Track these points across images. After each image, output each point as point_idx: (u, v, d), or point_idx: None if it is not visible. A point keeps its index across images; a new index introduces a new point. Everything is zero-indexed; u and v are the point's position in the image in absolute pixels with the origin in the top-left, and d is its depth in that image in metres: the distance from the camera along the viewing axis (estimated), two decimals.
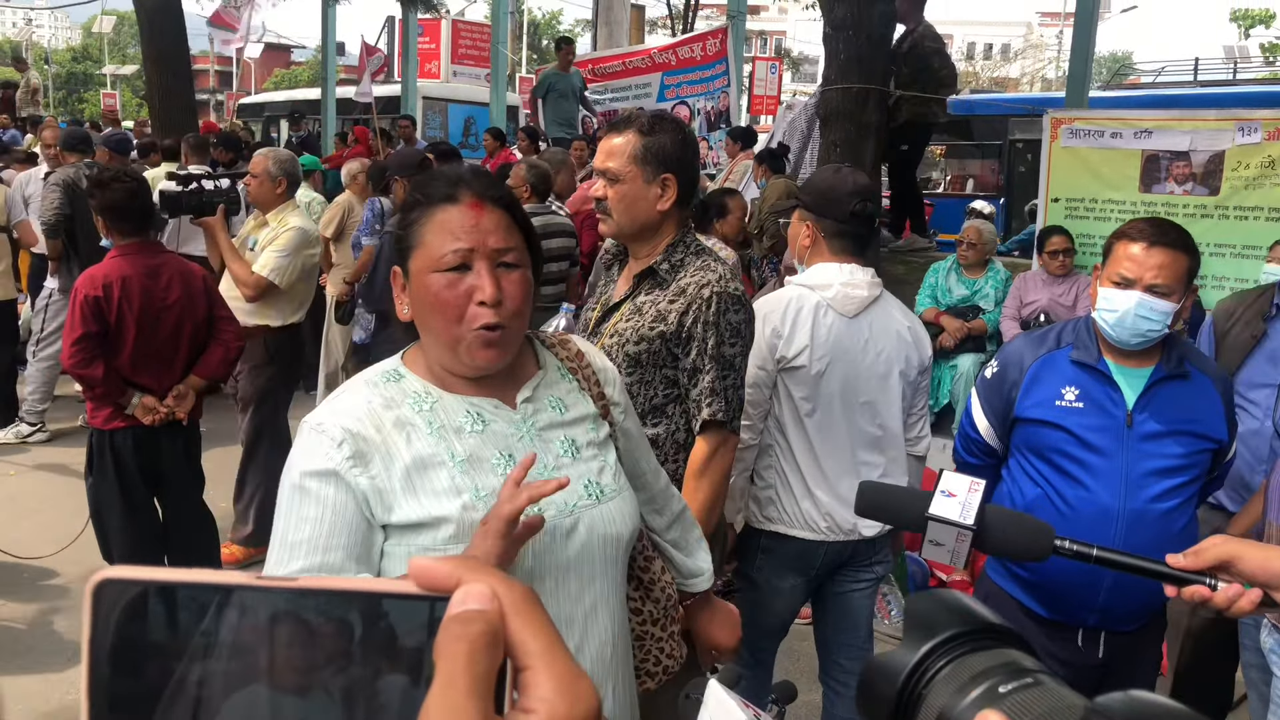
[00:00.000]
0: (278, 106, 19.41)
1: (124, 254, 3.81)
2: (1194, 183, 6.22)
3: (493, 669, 0.42)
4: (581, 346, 1.73)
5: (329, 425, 1.45)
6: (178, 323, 3.89)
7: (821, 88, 7.57)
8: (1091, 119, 6.75)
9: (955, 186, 14.72)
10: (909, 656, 0.59)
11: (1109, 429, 2.38)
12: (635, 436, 1.76)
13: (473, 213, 1.47)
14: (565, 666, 0.44)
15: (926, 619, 0.60)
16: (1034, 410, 2.45)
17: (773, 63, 14.70)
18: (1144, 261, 2.33)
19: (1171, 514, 2.36)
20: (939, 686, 0.57)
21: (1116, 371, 2.41)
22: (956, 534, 1.32)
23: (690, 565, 1.89)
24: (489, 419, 1.52)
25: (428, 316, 1.48)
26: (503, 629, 0.43)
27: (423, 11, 16.28)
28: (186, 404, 3.91)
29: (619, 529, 1.58)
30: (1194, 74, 15.80)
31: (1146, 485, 2.35)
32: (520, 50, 31.02)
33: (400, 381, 1.53)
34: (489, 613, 0.43)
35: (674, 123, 2.43)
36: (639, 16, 21.61)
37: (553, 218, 5.73)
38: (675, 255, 2.38)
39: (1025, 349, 2.54)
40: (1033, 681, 0.54)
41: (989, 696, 0.54)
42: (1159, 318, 2.32)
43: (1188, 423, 2.38)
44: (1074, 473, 2.39)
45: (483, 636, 0.42)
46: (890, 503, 1.51)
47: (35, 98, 16.28)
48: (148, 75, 11.63)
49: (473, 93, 16.69)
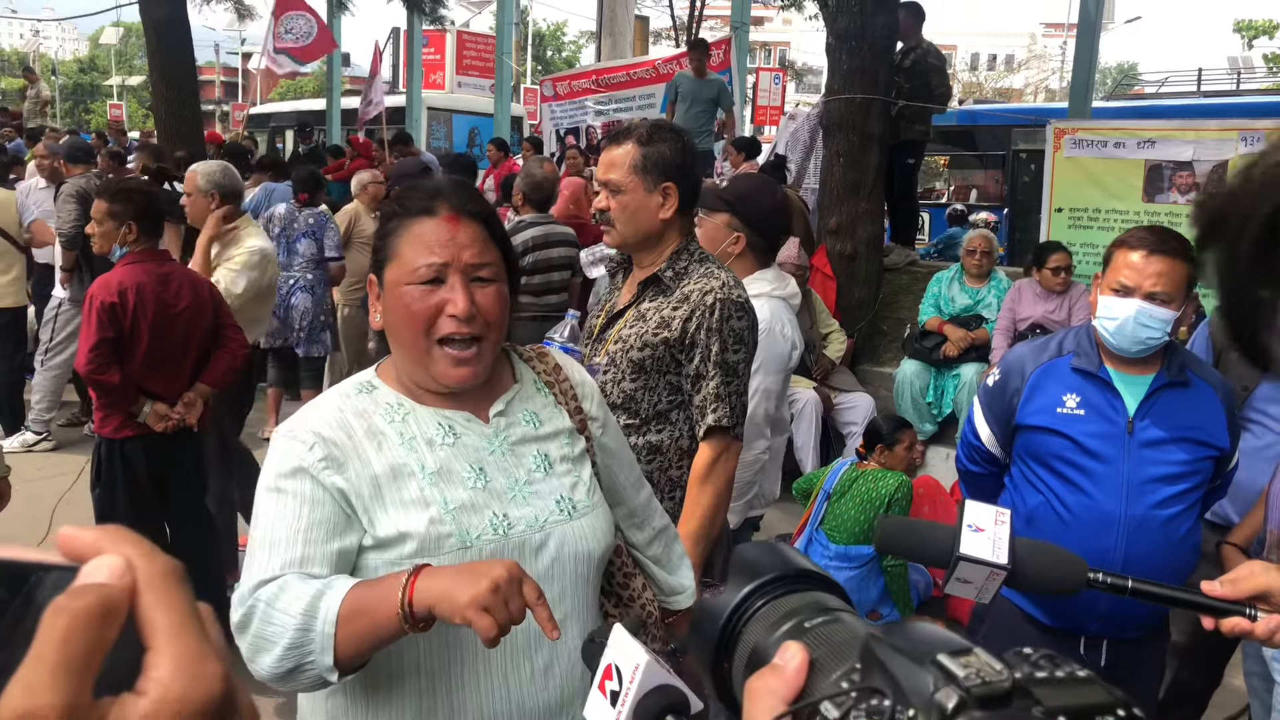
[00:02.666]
0: (284, 117, 19.51)
1: (137, 261, 3.83)
2: (1197, 192, 6.23)
3: (96, 646, 0.39)
4: (560, 360, 1.71)
5: (299, 431, 1.45)
6: (187, 330, 3.91)
7: (825, 98, 7.61)
8: (1095, 129, 6.78)
9: (959, 196, 14.75)
10: (731, 598, 0.64)
11: (1110, 436, 2.38)
12: (614, 451, 1.72)
13: (449, 226, 1.46)
14: (191, 646, 0.41)
15: (750, 565, 0.65)
16: (1035, 417, 2.46)
17: (776, 73, 14.72)
18: (1143, 269, 2.35)
19: (1173, 521, 2.36)
20: (754, 625, 0.62)
21: (1117, 379, 2.42)
22: (988, 573, 1.25)
23: (672, 582, 1.84)
24: (460, 432, 1.51)
25: (399, 328, 1.48)
26: (123, 604, 0.40)
27: (428, 23, 16.34)
28: (196, 411, 3.93)
29: (590, 546, 1.55)
30: (1198, 84, 15.81)
31: (1148, 492, 2.36)
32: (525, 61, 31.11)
33: (373, 393, 1.53)
34: (108, 588, 0.40)
35: (673, 131, 2.45)
36: (643, 27, 21.70)
37: (553, 227, 5.74)
38: (679, 263, 2.40)
39: (1027, 356, 2.55)
40: (833, 619, 0.59)
41: (795, 631, 0.59)
42: (1159, 325, 2.34)
43: (1189, 430, 2.38)
44: (1076, 479, 2.40)
45: (87, 611, 0.39)
46: (913, 539, 1.41)
47: (44, 109, 16.37)
48: (154, 86, 11.68)
49: (477, 103, 16.78)
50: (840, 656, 0.55)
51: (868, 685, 0.49)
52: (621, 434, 1.82)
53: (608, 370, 2.38)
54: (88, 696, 0.38)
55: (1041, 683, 0.45)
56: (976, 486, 2.71)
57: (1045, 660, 0.46)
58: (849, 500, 4.21)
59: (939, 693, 0.45)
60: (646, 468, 2.32)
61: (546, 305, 5.61)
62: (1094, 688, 0.45)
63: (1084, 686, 0.45)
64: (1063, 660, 0.47)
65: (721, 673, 0.64)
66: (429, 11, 15.73)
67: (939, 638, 0.49)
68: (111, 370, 3.67)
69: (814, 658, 0.55)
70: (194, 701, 0.40)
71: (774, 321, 2.89)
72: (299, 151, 14.67)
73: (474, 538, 1.44)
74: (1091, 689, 0.45)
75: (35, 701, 0.37)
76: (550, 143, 12.63)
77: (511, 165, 10.15)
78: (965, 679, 0.45)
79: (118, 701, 0.39)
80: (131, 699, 0.39)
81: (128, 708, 0.39)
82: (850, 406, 6.04)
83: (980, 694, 0.44)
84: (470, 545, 1.43)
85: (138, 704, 0.39)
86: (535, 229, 5.56)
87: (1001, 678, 0.45)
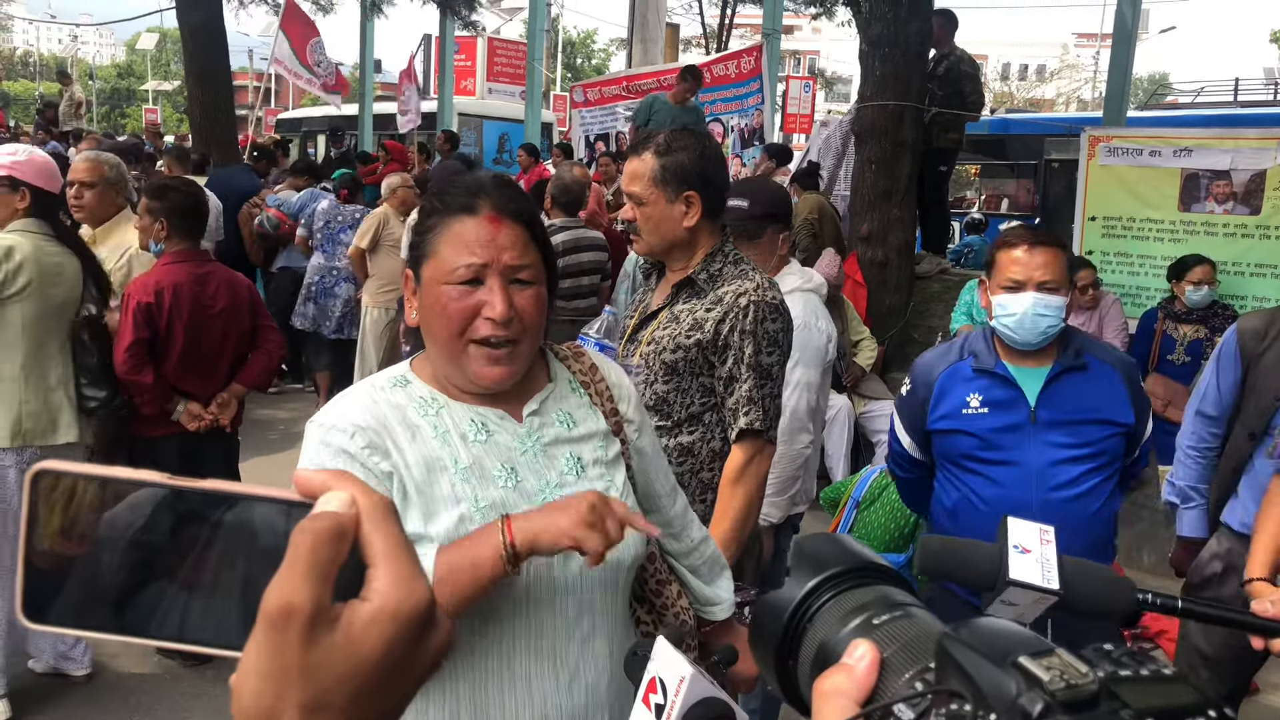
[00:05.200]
0: (315, 122, 19.67)
1: (175, 261, 3.86)
2: (1234, 202, 6.14)
3: (334, 559, 0.48)
4: (596, 360, 1.68)
5: (338, 421, 1.43)
6: (223, 331, 3.94)
7: (857, 104, 7.57)
8: (1130, 137, 6.69)
9: (990, 206, 14.64)
10: (795, 593, 0.62)
11: (1015, 426, 2.49)
12: (650, 455, 1.69)
13: (490, 226, 1.43)
14: (404, 565, 0.50)
15: (813, 558, 0.63)
16: (944, 421, 2.57)
17: (806, 81, 14.70)
18: (1029, 262, 2.48)
19: (1082, 499, 2.46)
20: (821, 620, 0.60)
21: (1016, 373, 2.53)
22: (1036, 596, 1.20)
23: (708, 593, 1.81)
24: (493, 429, 1.48)
25: (434, 326, 1.45)
26: (351, 529, 0.50)
27: (460, 29, 16.44)
28: (229, 411, 3.96)
29: (619, 553, 1.48)
30: (1234, 94, 15.61)
31: (1054, 475, 2.46)
32: (555, 68, 31.24)
33: (407, 387, 1.51)
34: (340, 514, 0.50)
35: (692, 137, 2.41)
36: (674, 35, 21.72)
37: (583, 232, 5.74)
38: (714, 265, 2.39)
39: (933, 363, 2.66)
40: (903, 614, 0.57)
41: (864, 627, 0.57)
42: (1053, 313, 2.46)
43: (1089, 411, 2.49)
44: (987, 473, 2.51)
45: (327, 531, 0.48)
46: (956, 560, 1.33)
47: (79, 111, 16.60)
48: (190, 91, 11.83)
49: (507, 109, 16.83)
50: (912, 655, 0.53)
51: (945, 687, 0.47)
52: (657, 440, 1.79)
53: (640, 372, 2.37)
54: (328, 598, 0.48)
55: (1126, 682, 0.43)
56: (910, 491, 2.87)
57: (1128, 658, 0.44)
58: (879, 508, 4.17)
59: (1022, 697, 0.43)
60: (678, 470, 2.30)
61: (575, 310, 5.61)
62: (1181, 686, 0.43)
63: (1170, 685, 0.43)
64: (1145, 658, 0.45)
65: (786, 670, 0.61)
66: (462, 16, 15.82)
67: (1018, 636, 0.47)
68: (145, 370, 3.69)
69: (884, 656, 0.54)
70: (406, 610, 0.49)
71: (808, 316, 2.93)
72: (330, 156, 14.80)
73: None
74: (1179, 688, 0.43)
75: (292, 597, 0.47)
76: (580, 148, 12.65)
77: (542, 170, 10.17)
78: (1049, 682, 0.43)
79: (348, 606, 0.49)
80: (358, 604, 0.49)
81: (356, 610, 0.49)
82: (881, 414, 5.99)
83: (1065, 698, 0.42)
84: None
85: (363, 608, 0.49)
86: (565, 233, 5.56)
87: (1087, 680, 0.43)
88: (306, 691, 0.47)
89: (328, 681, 0.48)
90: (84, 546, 0.50)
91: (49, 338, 3.44)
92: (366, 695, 0.49)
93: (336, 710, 0.48)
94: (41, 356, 3.42)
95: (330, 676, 0.48)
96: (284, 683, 0.47)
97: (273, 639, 0.47)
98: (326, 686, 0.48)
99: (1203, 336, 5.44)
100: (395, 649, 0.49)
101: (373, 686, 0.49)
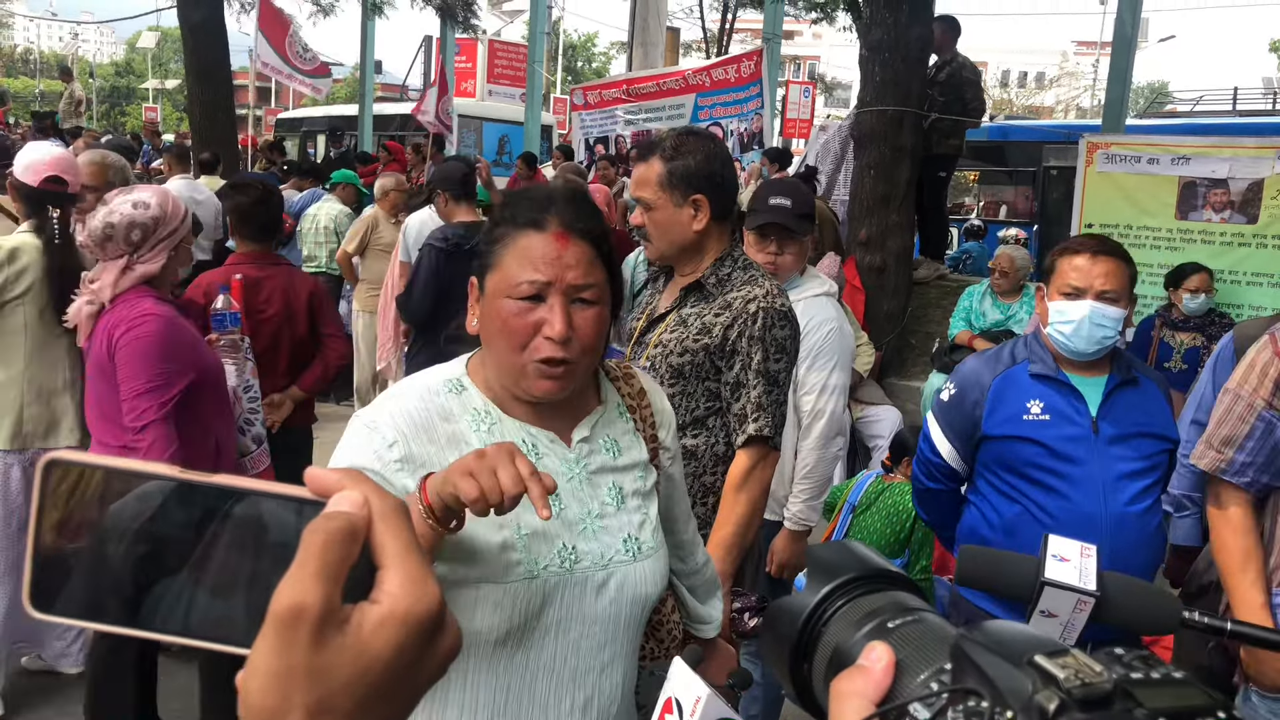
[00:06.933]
0: (315, 122, 19.68)
1: (235, 263, 3.88)
2: (1232, 210, 6.16)
3: (345, 559, 0.48)
4: (645, 384, 1.67)
5: (383, 425, 1.41)
6: (274, 336, 3.90)
7: (856, 109, 7.59)
8: (1128, 144, 6.71)
9: (989, 212, 14.67)
10: (810, 598, 0.63)
11: (1079, 438, 2.41)
12: (677, 482, 1.71)
13: (557, 244, 1.41)
14: (415, 568, 0.50)
15: (827, 565, 0.65)
16: (1003, 427, 2.46)
17: (806, 86, 14.71)
18: (1090, 270, 2.41)
19: (1146, 515, 2.41)
20: (835, 625, 0.62)
21: (1076, 381, 2.45)
22: (1076, 601, 1.19)
23: (702, 612, 1.85)
24: (543, 452, 1.47)
25: (494, 337, 1.44)
26: (363, 529, 0.50)
27: (461, 31, 16.46)
28: (281, 413, 3.90)
29: (648, 590, 1.51)
30: (1233, 103, 15.64)
31: (1122, 489, 2.39)
32: (555, 71, 31.26)
33: (461, 394, 1.48)
34: (353, 514, 0.50)
35: (700, 140, 2.40)
36: (674, 38, 21.76)
37: None
38: (723, 269, 2.39)
39: (981, 368, 2.56)
40: (916, 619, 0.58)
41: (878, 631, 0.59)
42: (1111, 324, 2.39)
43: (1145, 425, 2.44)
44: (1052, 484, 2.41)
45: (339, 531, 0.49)
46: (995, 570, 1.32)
47: (79, 109, 16.59)
48: (190, 90, 11.85)
49: (507, 111, 16.86)
50: (926, 657, 0.54)
51: (962, 686, 0.48)
52: (682, 464, 1.80)
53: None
54: (338, 599, 0.48)
55: (1139, 684, 0.44)
56: (935, 504, 2.70)
57: (1139, 661, 0.45)
58: (875, 513, 4.18)
59: (1039, 694, 0.44)
60: None
61: None
62: (1193, 689, 0.44)
63: (1182, 688, 0.44)
64: (1156, 661, 0.46)
65: (801, 674, 0.63)
66: (462, 20, 15.84)
67: (1032, 638, 0.48)
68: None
69: (899, 658, 0.55)
70: (416, 613, 0.49)
71: (839, 319, 2.96)
72: (330, 156, 14.80)
73: (540, 568, 1.41)
74: (1190, 690, 0.44)
75: (302, 597, 0.47)
76: (580, 151, 12.67)
77: (539, 178, 10.18)
78: (1065, 680, 0.44)
79: (357, 607, 0.49)
80: (368, 606, 0.49)
81: (365, 612, 0.49)
82: (877, 419, 6.00)
83: (1081, 696, 0.43)
84: (537, 575, 1.40)
85: (373, 610, 0.49)
86: None
87: (1102, 679, 0.44)
88: (313, 693, 0.47)
89: (335, 683, 0.48)
90: (92, 537, 0.51)
91: (53, 340, 3.43)
92: (374, 698, 0.49)
93: (343, 713, 0.48)
94: (45, 359, 3.41)
95: (338, 678, 0.48)
96: (291, 683, 0.47)
97: (281, 638, 0.47)
98: (334, 688, 0.48)
99: (1199, 344, 5.45)
100: (404, 652, 0.49)
101: (380, 689, 0.49)
